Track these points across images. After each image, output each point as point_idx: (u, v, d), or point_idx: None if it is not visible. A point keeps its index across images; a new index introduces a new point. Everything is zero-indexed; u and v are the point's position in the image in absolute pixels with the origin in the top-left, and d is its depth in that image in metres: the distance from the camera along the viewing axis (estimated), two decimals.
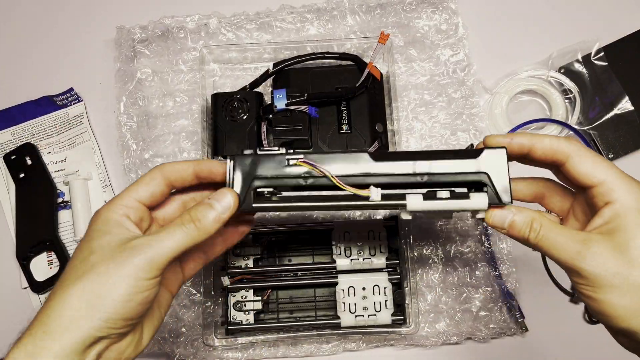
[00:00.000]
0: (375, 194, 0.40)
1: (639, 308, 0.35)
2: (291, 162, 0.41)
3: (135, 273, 0.36)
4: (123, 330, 0.36)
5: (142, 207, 0.41)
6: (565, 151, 0.38)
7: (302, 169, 0.41)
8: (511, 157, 0.41)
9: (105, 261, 0.36)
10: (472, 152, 0.40)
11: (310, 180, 0.41)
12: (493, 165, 0.40)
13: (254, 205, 0.41)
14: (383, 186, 0.40)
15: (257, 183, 0.41)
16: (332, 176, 0.40)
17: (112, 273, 0.35)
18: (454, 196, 0.40)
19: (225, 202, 0.39)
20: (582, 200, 0.40)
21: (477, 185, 0.40)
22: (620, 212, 0.36)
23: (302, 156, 0.41)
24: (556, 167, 0.40)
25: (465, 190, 0.41)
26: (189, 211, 0.39)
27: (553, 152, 0.39)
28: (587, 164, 0.38)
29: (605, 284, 0.35)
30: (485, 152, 0.40)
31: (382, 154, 0.41)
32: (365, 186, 0.40)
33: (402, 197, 0.40)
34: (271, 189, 0.41)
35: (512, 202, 0.39)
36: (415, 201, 0.39)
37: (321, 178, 0.41)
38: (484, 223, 0.40)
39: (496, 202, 0.39)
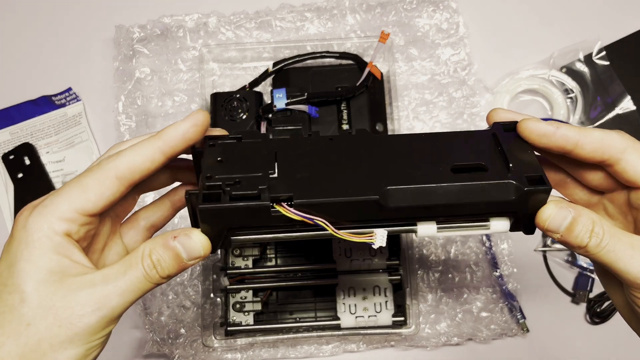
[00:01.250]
0: (380, 239, 0.33)
1: None
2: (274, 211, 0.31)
3: (85, 338, 0.30)
4: None
5: (89, 219, 0.31)
6: (619, 147, 0.32)
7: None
8: (547, 153, 0.35)
9: (46, 321, 0.29)
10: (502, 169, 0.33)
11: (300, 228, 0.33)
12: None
13: (232, 238, 0.33)
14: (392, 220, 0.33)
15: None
16: (332, 230, 0.32)
17: (58, 346, 0.29)
18: (472, 222, 0.34)
19: (192, 250, 0.32)
20: (622, 197, 0.35)
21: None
22: None
23: (285, 204, 0.31)
24: (603, 167, 0.34)
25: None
26: (150, 255, 0.31)
27: (603, 149, 0.32)
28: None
29: None
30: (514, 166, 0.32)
31: (397, 193, 0.32)
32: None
33: (413, 224, 0.33)
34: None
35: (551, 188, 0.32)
36: (427, 230, 0.33)
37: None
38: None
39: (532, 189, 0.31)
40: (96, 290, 0.30)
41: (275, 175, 0.32)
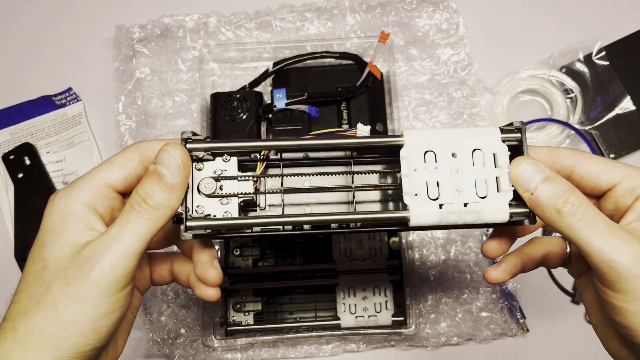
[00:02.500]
0: (362, 131, 0.34)
1: None
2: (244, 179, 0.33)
3: (97, 292, 0.29)
4: (95, 353, 0.31)
5: (113, 194, 0.33)
6: (570, 158, 0.34)
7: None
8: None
9: (59, 282, 0.29)
10: None
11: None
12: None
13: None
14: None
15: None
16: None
17: (70, 299, 0.29)
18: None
19: (171, 164, 0.31)
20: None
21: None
22: None
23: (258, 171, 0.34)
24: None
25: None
26: (136, 190, 0.31)
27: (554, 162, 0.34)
28: (598, 165, 0.33)
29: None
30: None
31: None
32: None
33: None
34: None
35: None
36: (414, 133, 0.34)
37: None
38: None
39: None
40: (98, 247, 0.30)
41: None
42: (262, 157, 0.36)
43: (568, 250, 0.38)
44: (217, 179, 0.34)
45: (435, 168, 0.33)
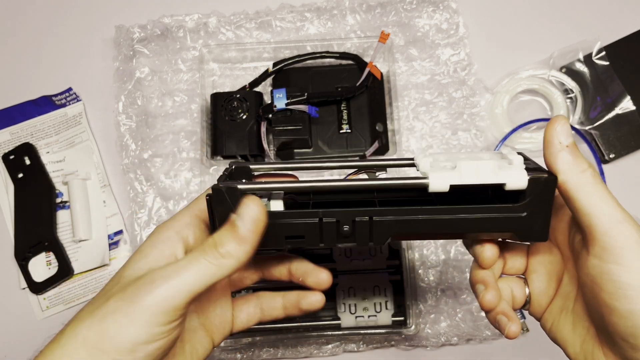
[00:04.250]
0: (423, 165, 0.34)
1: None
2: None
3: (144, 318, 0.29)
4: None
5: (202, 224, 0.35)
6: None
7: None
8: None
9: (117, 296, 0.30)
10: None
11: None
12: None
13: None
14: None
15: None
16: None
17: (119, 315, 0.29)
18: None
19: (246, 218, 0.31)
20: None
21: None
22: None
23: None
24: None
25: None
26: (213, 235, 0.32)
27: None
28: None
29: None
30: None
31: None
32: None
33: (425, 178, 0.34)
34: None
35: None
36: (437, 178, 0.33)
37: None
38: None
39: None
40: (160, 274, 0.30)
41: None
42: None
43: (528, 291, 0.38)
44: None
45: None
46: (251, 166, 0.38)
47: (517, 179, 0.33)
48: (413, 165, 0.36)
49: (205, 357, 0.37)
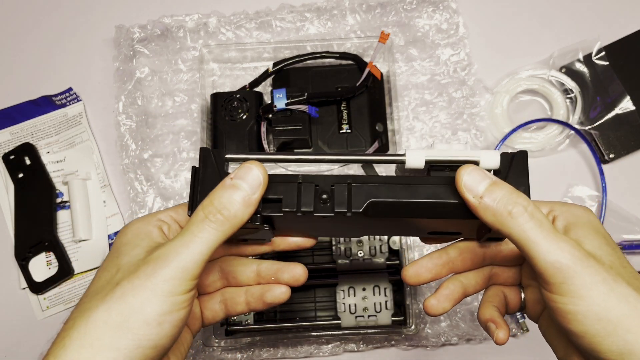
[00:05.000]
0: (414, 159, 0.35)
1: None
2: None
3: (166, 288, 0.30)
4: (153, 354, 0.31)
5: (178, 227, 0.37)
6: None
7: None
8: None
9: (130, 277, 0.30)
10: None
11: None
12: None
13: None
14: None
15: None
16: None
17: (140, 290, 0.30)
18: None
19: (252, 179, 0.32)
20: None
21: None
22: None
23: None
24: None
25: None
26: (210, 199, 0.32)
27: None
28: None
29: (585, 293, 0.30)
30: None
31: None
32: None
33: (402, 154, 0.36)
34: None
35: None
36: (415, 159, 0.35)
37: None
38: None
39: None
40: (169, 249, 0.31)
41: None
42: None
43: (523, 296, 0.39)
44: None
45: None
46: (227, 155, 0.35)
47: (489, 155, 0.34)
48: (403, 161, 0.36)
49: (188, 348, 0.39)
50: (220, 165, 0.35)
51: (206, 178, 0.34)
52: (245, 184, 0.32)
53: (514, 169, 0.34)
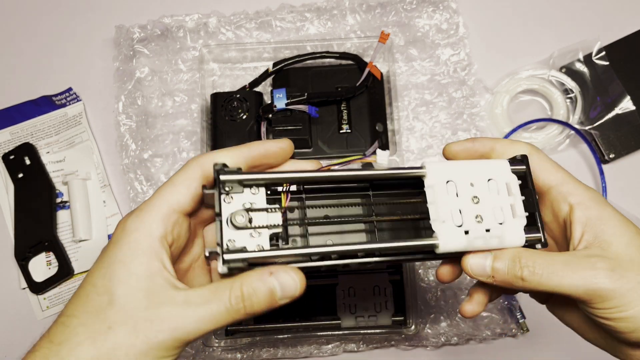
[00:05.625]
0: (381, 157, 0.35)
1: None
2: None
3: (161, 353, 0.30)
4: None
5: (182, 218, 0.33)
6: (525, 152, 0.36)
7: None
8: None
9: (127, 329, 0.29)
10: None
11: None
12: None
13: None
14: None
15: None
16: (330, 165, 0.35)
17: (134, 350, 0.29)
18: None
19: (290, 290, 0.31)
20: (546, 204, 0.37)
21: None
22: (593, 212, 0.33)
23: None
24: None
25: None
26: (241, 287, 0.31)
27: (514, 151, 0.36)
28: (541, 164, 0.36)
29: (631, 299, 0.31)
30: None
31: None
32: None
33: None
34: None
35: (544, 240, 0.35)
36: (434, 164, 0.35)
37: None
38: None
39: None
40: (176, 310, 0.30)
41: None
42: (285, 188, 0.36)
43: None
44: (248, 210, 0.34)
45: (456, 195, 0.34)
46: (222, 177, 0.33)
47: (517, 240, 0.34)
48: (422, 177, 0.35)
49: None
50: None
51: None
52: (281, 292, 0.31)
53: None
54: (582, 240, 0.34)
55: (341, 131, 0.62)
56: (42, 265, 0.63)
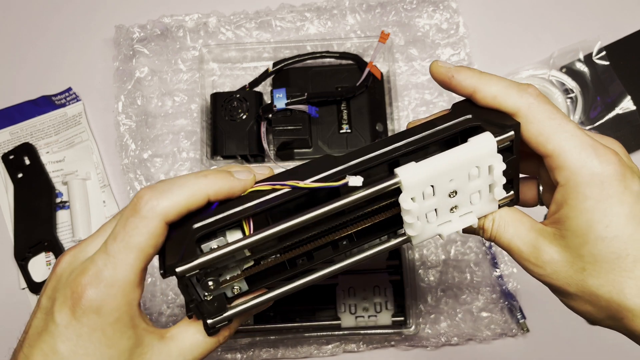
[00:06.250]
0: (353, 180, 0.31)
1: (605, 316, 0.30)
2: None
3: None
4: None
5: (153, 250, 0.31)
6: (512, 108, 0.31)
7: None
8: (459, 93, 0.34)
9: None
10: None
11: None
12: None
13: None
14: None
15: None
16: (303, 184, 0.32)
17: None
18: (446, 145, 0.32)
19: None
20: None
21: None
22: (568, 197, 0.29)
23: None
24: None
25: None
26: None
27: (497, 105, 0.32)
28: (537, 127, 0.30)
29: (564, 293, 0.31)
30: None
31: (352, 153, 0.33)
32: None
33: (391, 172, 0.31)
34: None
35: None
36: (410, 172, 0.31)
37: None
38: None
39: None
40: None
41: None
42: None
43: (541, 188, 0.36)
44: (213, 273, 0.32)
45: (432, 196, 0.32)
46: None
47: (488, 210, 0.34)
48: (398, 190, 0.32)
49: None
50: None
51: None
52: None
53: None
54: (549, 219, 0.32)
55: (341, 131, 0.62)
56: (41, 265, 0.63)
